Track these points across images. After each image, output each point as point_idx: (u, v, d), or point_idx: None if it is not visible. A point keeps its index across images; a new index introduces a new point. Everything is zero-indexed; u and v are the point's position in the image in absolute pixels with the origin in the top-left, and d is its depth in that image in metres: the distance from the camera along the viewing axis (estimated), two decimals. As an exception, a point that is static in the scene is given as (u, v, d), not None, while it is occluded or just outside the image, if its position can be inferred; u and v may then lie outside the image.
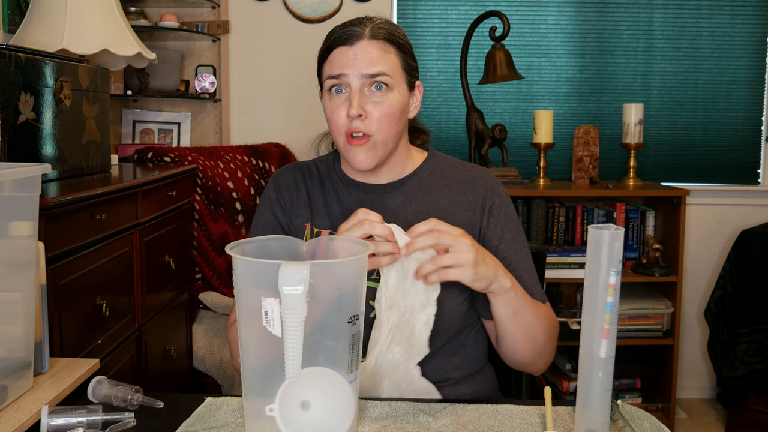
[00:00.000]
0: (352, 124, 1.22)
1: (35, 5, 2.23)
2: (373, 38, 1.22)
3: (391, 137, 1.25)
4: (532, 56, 3.23)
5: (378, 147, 1.24)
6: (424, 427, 1.03)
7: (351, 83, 1.22)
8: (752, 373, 2.81)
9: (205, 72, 3.06)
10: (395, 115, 1.24)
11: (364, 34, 1.22)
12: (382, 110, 1.22)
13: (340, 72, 1.22)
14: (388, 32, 1.24)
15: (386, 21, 1.27)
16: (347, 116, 1.22)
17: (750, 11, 3.20)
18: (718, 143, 3.27)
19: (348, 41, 1.22)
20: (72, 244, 1.71)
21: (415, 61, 1.30)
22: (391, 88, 1.23)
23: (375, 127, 1.22)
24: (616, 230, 0.93)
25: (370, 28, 1.23)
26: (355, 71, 1.21)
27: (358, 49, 1.21)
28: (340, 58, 1.22)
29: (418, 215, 1.29)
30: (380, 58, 1.22)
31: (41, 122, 1.88)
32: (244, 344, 0.94)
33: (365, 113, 1.22)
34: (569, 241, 3.00)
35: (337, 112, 1.23)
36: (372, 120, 1.22)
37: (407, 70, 1.27)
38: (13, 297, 1.09)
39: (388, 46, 1.23)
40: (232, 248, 0.95)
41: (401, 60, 1.26)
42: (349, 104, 1.21)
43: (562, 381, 2.88)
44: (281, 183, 1.37)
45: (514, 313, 1.19)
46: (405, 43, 1.27)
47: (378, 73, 1.21)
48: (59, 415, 1.01)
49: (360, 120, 1.22)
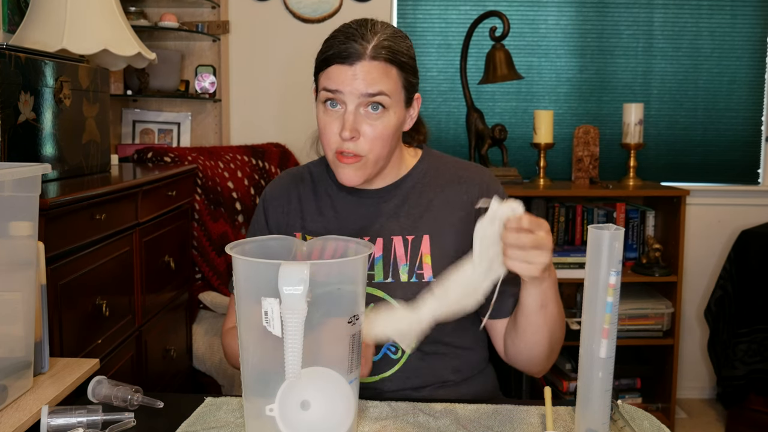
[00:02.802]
0: (343, 144, 1.19)
1: (35, 5, 2.23)
2: (374, 59, 1.17)
3: (383, 156, 1.23)
4: (532, 56, 3.23)
5: (368, 166, 1.22)
6: (424, 427, 1.03)
7: (347, 102, 1.18)
8: (752, 373, 2.81)
9: (205, 72, 3.06)
10: (389, 137, 1.21)
11: (364, 54, 1.16)
12: (376, 132, 1.19)
13: (336, 88, 1.18)
14: (389, 51, 1.18)
15: (390, 35, 1.21)
16: (339, 135, 1.19)
17: (750, 11, 3.20)
18: (718, 143, 3.27)
19: (348, 60, 1.17)
20: (72, 244, 1.71)
21: (416, 76, 1.26)
22: (388, 108, 1.19)
23: (368, 147, 1.20)
24: (616, 230, 0.93)
25: (372, 47, 1.17)
26: (353, 90, 1.17)
27: (357, 69, 1.17)
28: (338, 75, 1.18)
29: (410, 217, 1.28)
30: (380, 80, 1.17)
31: (41, 122, 1.88)
32: (244, 344, 0.95)
33: (358, 134, 1.18)
34: (569, 241, 3.00)
35: (330, 127, 1.20)
36: (365, 140, 1.19)
37: (407, 88, 1.23)
38: (13, 297, 1.09)
39: (389, 67, 1.19)
40: (232, 248, 0.95)
41: (402, 79, 1.21)
42: (343, 125, 1.18)
43: (562, 381, 2.88)
44: (269, 197, 1.36)
45: (542, 306, 1.14)
46: (407, 60, 1.22)
47: (377, 93, 1.17)
48: (59, 415, 1.01)
49: (352, 141, 1.18)
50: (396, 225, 1.28)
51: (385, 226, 1.28)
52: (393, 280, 1.24)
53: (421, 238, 1.26)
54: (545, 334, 1.18)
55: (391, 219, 1.28)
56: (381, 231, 1.27)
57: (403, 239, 1.26)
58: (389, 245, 1.26)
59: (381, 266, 1.25)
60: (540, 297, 1.13)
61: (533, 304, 1.14)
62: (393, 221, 1.28)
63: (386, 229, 1.28)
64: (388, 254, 1.26)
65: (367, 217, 1.29)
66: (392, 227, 1.28)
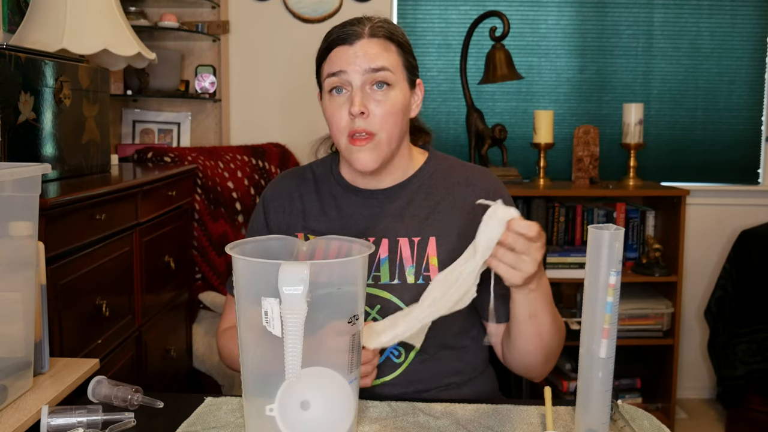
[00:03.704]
0: (354, 124, 1.19)
1: (35, 5, 2.23)
2: (373, 36, 1.21)
3: (394, 136, 1.22)
4: (532, 56, 3.23)
5: (381, 146, 1.21)
6: (424, 427, 1.03)
7: (352, 81, 1.19)
8: (752, 373, 2.81)
9: (205, 72, 3.06)
10: (398, 113, 1.22)
11: (363, 33, 1.21)
12: (385, 108, 1.20)
13: (339, 69, 1.20)
14: (387, 30, 1.23)
15: (385, 20, 1.26)
16: (349, 115, 1.19)
17: (750, 11, 3.20)
18: (718, 143, 3.27)
19: (348, 40, 1.20)
20: (72, 244, 1.71)
21: (415, 60, 1.29)
22: (393, 85, 1.21)
23: (378, 125, 1.20)
24: (616, 230, 0.93)
25: (369, 27, 1.21)
26: (356, 68, 1.19)
27: (358, 47, 1.20)
28: (340, 57, 1.20)
29: (416, 218, 1.28)
30: (382, 55, 1.20)
31: (41, 122, 1.88)
32: (244, 344, 0.95)
33: (368, 111, 1.19)
34: (569, 241, 3.00)
35: (338, 112, 1.21)
36: (375, 118, 1.19)
37: (408, 68, 1.25)
38: (13, 297, 1.09)
39: (388, 43, 1.22)
40: (232, 248, 0.95)
41: (402, 58, 1.24)
42: (351, 102, 1.19)
43: (562, 381, 2.88)
44: (269, 197, 1.36)
45: (531, 315, 1.14)
46: (405, 41, 1.26)
47: (380, 68, 1.19)
48: (59, 415, 1.01)
49: (362, 118, 1.19)
50: (401, 226, 1.27)
51: (390, 226, 1.27)
52: (399, 281, 1.24)
53: (427, 240, 1.26)
54: (537, 344, 1.18)
55: (396, 220, 1.28)
56: (386, 232, 1.27)
57: (409, 240, 1.26)
58: (395, 246, 1.25)
59: (387, 267, 1.24)
60: (528, 307, 1.13)
61: (522, 312, 1.15)
62: (398, 222, 1.27)
63: (391, 229, 1.27)
64: (395, 255, 1.25)
65: (371, 218, 1.29)
66: (397, 228, 1.27)
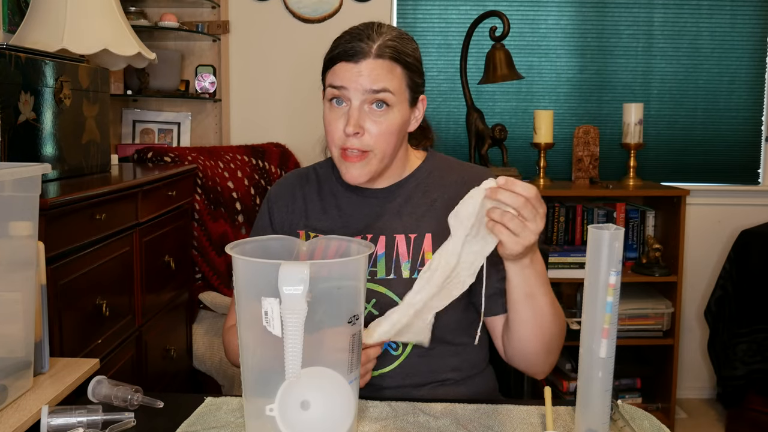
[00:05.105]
0: (347, 141, 1.21)
1: (35, 5, 2.23)
2: (379, 57, 1.20)
3: (388, 153, 1.25)
4: (532, 56, 3.23)
5: (373, 162, 1.23)
6: (424, 427, 1.03)
7: (351, 99, 1.20)
8: (752, 373, 2.81)
9: (205, 72, 3.06)
10: (394, 133, 1.23)
11: (370, 52, 1.20)
12: (382, 128, 1.21)
13: (341, 84, 1.21)
14: (394, 50, 1.21)
15: (396, 36, 1.24)
16: (344, 131, 1.21)
17: (750, 11, 3.20)
18: (718, 143, 3.27)
19: (353, 58, 1.20)
20: (72, 244, 1.71)
21: (421, 77, 1.28)
22: (392, 107, 1.21)
23: (373, 143, 1.22)
24: (616, 230, 0.93)
25: (377, 46, 1.20)
26: (357, 87, 1.19)
27: (363, 67, 1.20)
28: (343, 72, 1.21)
29: (413, 216, 1.29)
30: (385, 77, 1.20)
31: (41, 122, 1.88)
32: (244, 344, 0.95)
33: (362, 130, 1.21)
34: (569, 241, 3.00)
35: (335, 124, 1.22)
36: (370, 136, 1.21)
37: (412, 88, 1.25)
38: (13, 297, 1.09)
39: (394, 65, 1.21)
40: (232, 248, 0.95)
41: (407, 78, 1.24)
42: (347, 121, 1.20)
43: (562, 381, 2.88)
44: (274, 196, 1.38)
45: (528, 295, 1.14)
46: (413, 60, 1.25)
47: (381, 89, 1.20)
48: (59, 415, 1.01)
49: (356, 138, 1.21)
50: (399, 223, 1.29)
51: (388, 224, 1.29)
52: (395, 276, 1.25)
53: (423, 237, 1.27)
54: (535, 328, 1.18)
55: (394, 217, 1.30)
56: (384, 229, 1.29)
57: (405, 237, 1.27)
58: (392, 243, 1.27)
59: (383, 263, 1.26)
60: (524, 285, 1.13)
61: (518, 292, 1.15)
62: (396, 220, 1.29)
63: (389, 227, 1.29)
64: (391, 252, 1.27)
65: (370, 216, 1.31)
66: (395, 225, 1.29)
